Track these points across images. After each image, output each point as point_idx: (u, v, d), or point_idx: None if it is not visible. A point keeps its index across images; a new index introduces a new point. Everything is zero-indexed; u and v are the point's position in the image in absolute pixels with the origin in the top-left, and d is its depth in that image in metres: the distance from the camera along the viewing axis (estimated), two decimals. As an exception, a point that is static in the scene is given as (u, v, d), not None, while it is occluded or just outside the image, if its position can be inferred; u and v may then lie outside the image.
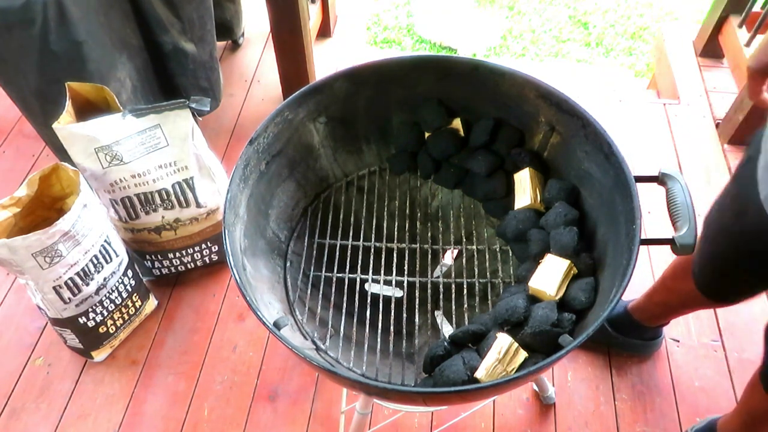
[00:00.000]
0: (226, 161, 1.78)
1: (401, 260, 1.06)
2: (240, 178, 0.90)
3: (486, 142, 1.04)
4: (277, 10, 1.67)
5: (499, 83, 0.99)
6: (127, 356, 1.41)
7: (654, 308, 1.27)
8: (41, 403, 1.34)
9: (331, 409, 1.32)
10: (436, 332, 1.05)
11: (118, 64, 1.44)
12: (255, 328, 1.46)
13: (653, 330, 1.34)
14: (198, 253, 1.46)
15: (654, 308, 1.27)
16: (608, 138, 0.86)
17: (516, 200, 1.00)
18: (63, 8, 1.22)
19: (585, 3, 2.78)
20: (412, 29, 2.66)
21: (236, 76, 2.07)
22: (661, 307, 1.26)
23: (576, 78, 2.45)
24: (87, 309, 1.27)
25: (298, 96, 0.97)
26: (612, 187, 0.86)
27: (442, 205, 1.16)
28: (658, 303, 1.26)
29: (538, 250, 0.93)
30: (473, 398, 0.97)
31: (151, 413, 1.33)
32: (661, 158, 1.81)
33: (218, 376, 1.38)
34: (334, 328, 0.98)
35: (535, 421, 1.30)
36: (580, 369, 1.38)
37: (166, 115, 1.25)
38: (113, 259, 1.28)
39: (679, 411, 1.32)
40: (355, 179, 1.14)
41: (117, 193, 1.28)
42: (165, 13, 1.50)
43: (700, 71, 2.04)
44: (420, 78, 1.03)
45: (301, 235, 1.07)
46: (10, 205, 1.17)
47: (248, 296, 0.77)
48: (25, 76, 1.29)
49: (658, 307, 1.26)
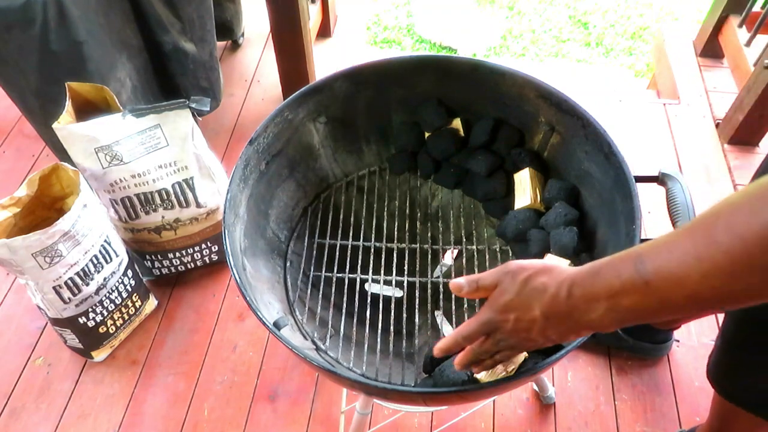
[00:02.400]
0: (226, 161, 1.78)
1: (401, 260, 1.06)
2: (240, 178, 0.90)
3: (486, 142, 1.04)
4: (277, 10, 1.68)
5: (499, 83, 0.99)
6: (127, 356, 1.41)
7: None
8: (41, 403, 1.34)
9: (331, 409, 1.32)
10: (436, 332, 1.05)
11: (118, 64, 1.44)
12: (255, 328, 1.46)
13: (664, 333, 1.34)
14: (198, 253, 1.46)
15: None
16: (608, 138, 0.86)
17: (516, 200, 1.00)
18: (63, 8, 1.22)
19: (585, 3, 2.78)
20: (412, 29, 2.66)
21: (236, 76, 2.07)
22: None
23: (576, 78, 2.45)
24: (87, 309, 1.27)
25: (298, 96, 0.97)
26: (612, 187, 0.86)
27: (442, 205, 1.16)
28: None
29: (538, 250, 0.93)
30: (473, 398, 0.97)
31: (151, 413, 1.33)
32: (661, 158, 1.81)
33: (218, 376, 1.38)
34: (334, 328, 0.98)
35: (535, 421, 1.30)
36: (580, 369, 1.38)
37: (166, 115, 1.25)
38: (113, 259, 1.28)
39: (679, 411, 1.32)
40: (355, 179, 1.14)
41: (117, 193, 1.28)
42: (165, 13, 1.50)
43: (700, 71, 2.04)
44: (420, 78, 1.03)
45: (301, 235, 1.07)
46: (10, 205, 1.17)
47: (248, 296, 0.77)
48: (25, 76, 1.29)
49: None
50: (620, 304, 0.49)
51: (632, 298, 0.48)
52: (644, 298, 0.47)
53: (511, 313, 0.57)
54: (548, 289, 0.54)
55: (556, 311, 0.54)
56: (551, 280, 0.55)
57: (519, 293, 0.57)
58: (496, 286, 0.59)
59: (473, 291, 0.61)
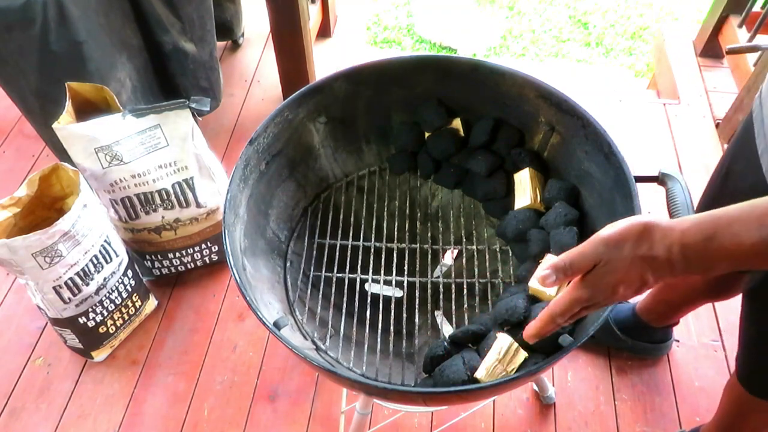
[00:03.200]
0: (226, 161, 1.78)
1: (401, 260, 1.06)
2: (240, 178, 0.90)
3: (486, 142, 1.04)
4: (277, 10, 1.68)
5: (499, 83, 0.99)
6: (127, 356, 1.41)
7: (659, 307, 1.28)
8: (41, 403, 1.34)
9: (331, 409, 1.32)
10: (436, 332, 1.05)
11: (118, 64, 1.44)
12: (255, 328, 1.46)
13: (662, 332, 1.34)
14: (198, 253, 1.46)
15: (659, 307, 1.28)
16: (608, 138, 0.86)
17: (516, 200, 1.00)
18: (63, 8, 1.22)
19: (585, 3, 2.78)
20: (412, 29, 2.66)
21: (236, 76, 2.07)
22: (665, 305, 1.26)
23: (576, 78, 2.45)
24: (87, 309, 1.27)
25: (298, 96, 0.97)
26: (612, 187, 0.86)
27: (442, 205, 1.16)
28: (662, 301, 1.26)
29: (538, 250, 0.92)
30: (473, 398, 0.97)
31: (151, 413, 1.33)
32: (661, 158, 1.81)
33: (218, 376, 1.38)
34: (334, 328, 0.98)
35: (535, 421, 1.30)
36: (580, 369, 1.38)
37: (166, 115, 1.25)
38: (113, 259, 1.28)
39: (679, 411, 1.32)
40: (355, 179, 1.14)
41: (117, 193, 1.28)
42: (165, 13, 1.50)
43: (700, 71, 2.04)
44: (420, 78, 1.03)
45: (301, 235, 1.07)
46: (10, 205, 1.17)
47: (248, 296, 0.77)
48: (25, 76, 1.29)
49: (663, 305, 1.27)
50: (741, 263, 0.51)
51: (757, 259, 0.50)
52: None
53: (620, 287, 0.55)
54: (658, 256, 0.53)
55: (671, 275, 0.54)
56: (659, 245, 0.53)
57: (627, 269, 0.54)
58: (594, 266, 0.56)
59: (564, 279, 0.57)
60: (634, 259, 0.54)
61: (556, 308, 0.59)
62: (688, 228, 0.52)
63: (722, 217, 0.51)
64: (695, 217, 0.53)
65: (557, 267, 0.56)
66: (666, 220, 0.54)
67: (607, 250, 0.54)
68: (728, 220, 0.51)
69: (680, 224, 0.53)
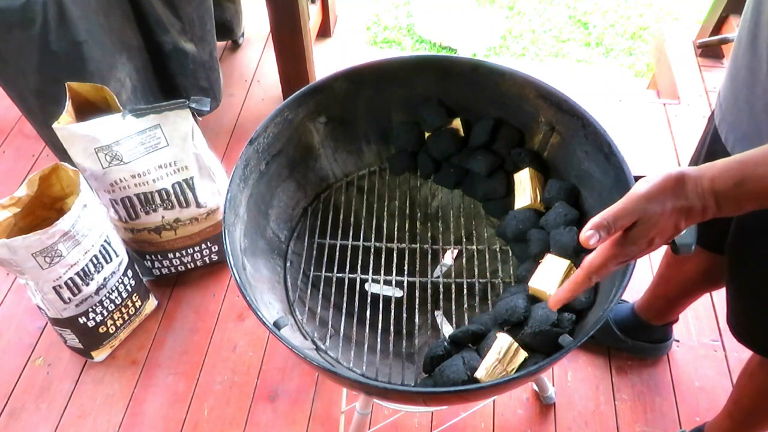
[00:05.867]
0: (226, 161, 1.78)
1: (401, 260, 1.06)
2: (240, 178, 0.90)
3: (486, 142, 1.04)
4: (277, 10, 1.68)
5: (499, 83, 0.99)
6: (127, 356, 1.41)
7: (657, 303, 1.28)
8: (41, 403, 1.34)
9: (331, 409, 1.32)
10: (436, 332, 1.05)
11: (118, 64, 1.44)
12: (255, 328, 1.46)
13: (662, 331, 1.34)
14: (198, 253, 1.46)
15: (657, 303, 1.28)
16: (608, 138, 0.86)
17: (516, 200, 1.00)
18: (63, 8, 1.22)
19: (585, 3, 2.78)
20: (412, 29, 2.66)
21: (236, 76, 2.07)
22: (663, 300, 1.26)
23: (576, 78, 2.45)
24: (87, 309, 1.27)
25: (298, 96, 0.97)
26: (612, 187, 0.86)
27: (442, 205, 1.16)
28: (660, 296, 1.26)
29: (538, 250, 0.92)
30: (473, 398, 0.97)
31: (151, 413, 1.33)
32: (661, 158, 1.81)
33: (218, 376, 1.38)
34: (334, 328, 0.98)
35: (535, 421, 1.30)
36: (580, 369, 1.38)
37: (166, 115, 1.25)
38: (113, 259, 1.28)
39: (679, 411, 1.32)
40: (355, 179, 1.14)
41: (117, 193, 1.28)
42: (165, 13, 1.50)
43: (700, 71, 2.04)
44: (420, 78, 1.03)
45: (301, 235, 1.07)
46: (10, 205, 1.17)
47: (248, 296, 0.77)
48: (25, 76, 1.29)
49: (661, 300, 1.27)
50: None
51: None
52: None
53: (656, 238, 0.57)
54: (693, 206, 0.56)
55: (703, 219, 0.57)
56: (692, 196, 0.55)
57: (666, 221, 0.56)
58: (635, 224, 0.57)
59: (606, 238, 0.57)
60: (672, 212, 0.56)
61: (592, 267, 0.60)
62: (718, 175, 0.55)
63: (748, 162, 0.54)
64: (722, 162, 0.55)
65: (600, 225, 0.56)
66: (694, 169, 0.56)
67: (648, 205, 0.56)
68: (754, 164, 0.54)
69: (709, 170, 0.55)
